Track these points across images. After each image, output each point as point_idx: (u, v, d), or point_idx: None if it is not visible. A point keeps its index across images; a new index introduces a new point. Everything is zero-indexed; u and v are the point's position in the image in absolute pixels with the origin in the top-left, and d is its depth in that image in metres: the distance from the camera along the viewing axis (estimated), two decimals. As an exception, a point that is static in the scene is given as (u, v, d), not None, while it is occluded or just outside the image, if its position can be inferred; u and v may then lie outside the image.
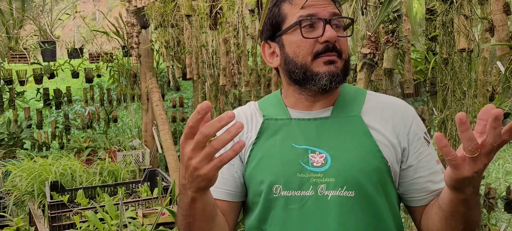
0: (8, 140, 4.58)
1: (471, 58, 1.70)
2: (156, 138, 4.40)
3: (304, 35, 1.08)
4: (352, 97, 1.16)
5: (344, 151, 1.08)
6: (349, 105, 1.14)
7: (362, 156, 1.08)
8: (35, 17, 4.96)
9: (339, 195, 1.06)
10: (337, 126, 1.11)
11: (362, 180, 1.06)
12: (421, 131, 1.13)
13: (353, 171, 1.06)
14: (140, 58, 4.58)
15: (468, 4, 1.53)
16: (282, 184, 1.09)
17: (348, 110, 1.13)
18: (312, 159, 1.08)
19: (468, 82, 1.70)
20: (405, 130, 1.11)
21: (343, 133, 1.10)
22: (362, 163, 1.07)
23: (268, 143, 1.13)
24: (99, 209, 2.32)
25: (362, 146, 1.08)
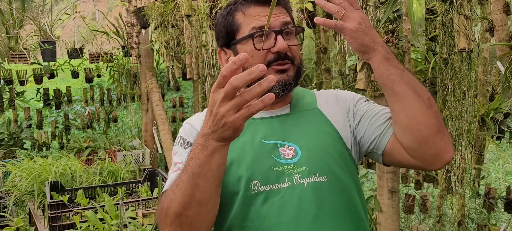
0: (8, 140, 4.58)
1: (471, 58, 1.70)
2: (156, 138, 4.40)
3: (256, 47, 1.13)
4: (303, 95, 1.28)
5: (311, 140, 1.17)
6: (304, 102, 1.25)
7: (327, 142, 1.18)
8: (35, 17, 4.96)
9: (314, 181, 1.13)
10: (299, 119, 1.21)
11: (331, 164, 1.16)
12: (359, 97, 1.27)
13: (323, 157, 1.16)
14: (140, 58, 4.58)
15: (468, 4, 1.53)
16: (259, 179, 1.12)
17: (305, 105, 1.24)
18: (282, 152, 1.15)
19: (468, 82, 1.70)
20: (347, 103, 1.25)
21: (306, 125, 1.20)
22: (329, 149, 1.17)
23: (238, 143, 1.15)
24: (99, 209, 2.32)
25: (325, 134, 1.19)
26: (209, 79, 3.54)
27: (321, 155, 1.16)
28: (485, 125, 1.85)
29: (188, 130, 1.23)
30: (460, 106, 1.68)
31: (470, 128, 1.79)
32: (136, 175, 4.16)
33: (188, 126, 1.24)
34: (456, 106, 1.69)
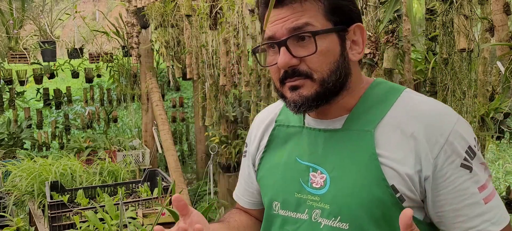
0: (8, 140, 4.58)
1: (471, 58, 1.70)
2: (156, 138, 4.40)
3: (262, 64, 1.05)
4: (378, 101, 0.97)
5: (345, 174, 0.95)
6: (367, 114, 0.96)
7: (363, 183, 0.92)
8: (35, 17, 4.96)
9: (331, 225, 0.95)
10: (346, 141, 0.96)
11: (358, 212, 0.92)
12: (458, 154, 0.89)
13: (350, 201, 0.93)
14: (140, 58, 4.58)
15: (468, 4, 1.53)
16: (280, 202, 1.03)
17: (363, 121, 0.96)
18: (312, 178, 0.98)
19: (468, 82, 1.70)
20: (430, 153, 0.89)
21: (349, 151, 0.95)
22: (362, 192, 0.92)
23: (277, 153, 1.07)
24: (99, 209, 2.32)
25: (365, 171, 0.92)
26: (209, 79, 3.54)
27: (349, 196, 0.93)
28: (485, 125, 1.84)
29: (249, 133, 1.18)
30: (460, 107, 1.68)
31: (470, 128, 1.79)
32: (136, 175, 4.16)
33: (251, 128, 1.18)
34: (456, 107, 1.69)
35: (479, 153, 0.92)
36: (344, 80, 0.95)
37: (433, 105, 0.94)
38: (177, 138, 6.00)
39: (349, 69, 0.96)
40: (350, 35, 0.96)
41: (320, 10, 0.93)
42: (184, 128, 6.25)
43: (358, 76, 1.00)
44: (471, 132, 0.93)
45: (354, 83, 0.98)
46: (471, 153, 0.90)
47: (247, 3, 2.75)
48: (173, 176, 3.60)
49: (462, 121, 0.92)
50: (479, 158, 0.91)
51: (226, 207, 3.63)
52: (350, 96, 0.98)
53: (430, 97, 0.98)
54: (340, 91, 0.95)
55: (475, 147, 0.91)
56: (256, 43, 3.06)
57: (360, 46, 0.97)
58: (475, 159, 0.90)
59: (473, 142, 0.91)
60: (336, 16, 0.94)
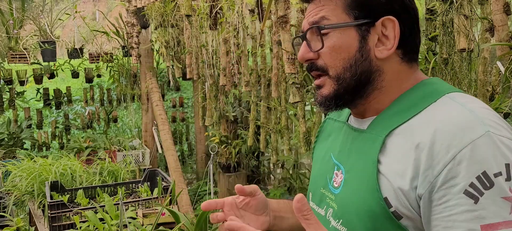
0: (8, 140, 4.58)
1: (471, 58, 1.70)
2: (156, 138, 4.40)
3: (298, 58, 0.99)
4: (410, 105, 0.87)
5: (354, 178, 0.90)
6: (391, 118, 0.88)
7: (361, 190, 0.87)
8: (35, 17, 4.96)
9: (336, 226, 0.93)
10: (364, 144, 0.91)
11: (354, 220, 0.88)
12: (463, 177, 0.75)
13: (349, 206, 0.90)
14: (140, 58, 4.59)
15: (468, 4, 1.53)
16: (312, 193, 1.05)
17: (385, 125, 0.88)
18: (335, 177, 0.96)
19: (468, 82, 1.70)
20: (431, 169, 0.78)
21: (363, 155, 0.90)
22: (358, 200, 0.87)
23: (322, 146, 1.08)
24: (99, 209, 2.32)
25: (366, 178, 0.87)
26: (209, 79, 3.54)
27: (350, 202, 0.90)
28: (485, 125, 1.84)
29: None
30: (460, 106, 1.68)
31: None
32: (136, 175, 4.15)
33: None
34: (456, 106, 1.69)
35: (504, 185, 0.74)
36: (367, 78, 0.89)
37: (458, 114, 0.80)
38: (177, 138, 6.00)
39: (372, 66, 0.89)
40: (378, 30, 0.88)
41: (339, 3, 0.89)
42: (184, 128, 6.25)
43: (399, 75, 0.90)
44: (501, 157, 0.75)
45: (391, 83, 0.90)
46: (485, 180, 0.73)
47: (247, 3, 2.75)
48: (173, 176, 3.60)
49: (489, 139, 0.75)
50: (501, 191, 0.73)
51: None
52: (384, 97, 0.90)
53: (469, 105, 0.82)
54: (364, 90, 0.90)
55: (496, 177, 0.73)
56: (256, 43, 3.06)
57: (390, 41, 0.87)
58: (490, 191, 0.73)
59: (495, 169, 0.74)
60: (358, 9, 0.88)
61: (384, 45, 0.88)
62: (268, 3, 0.91)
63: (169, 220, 2.33)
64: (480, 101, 0.86)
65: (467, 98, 0.84)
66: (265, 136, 3.12)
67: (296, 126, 3.06)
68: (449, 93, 0.85)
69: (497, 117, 0.81)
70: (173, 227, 2.24)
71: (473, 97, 0.87)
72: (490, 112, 0.82)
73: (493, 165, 0.74)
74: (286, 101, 2.72)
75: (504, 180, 0.73)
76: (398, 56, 0.90)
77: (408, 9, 0.90)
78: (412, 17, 0.90)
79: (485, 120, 0.78)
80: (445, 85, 0.90)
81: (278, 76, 2.63)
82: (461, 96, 0.85)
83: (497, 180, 0.73)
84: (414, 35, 0.91)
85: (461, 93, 0.87)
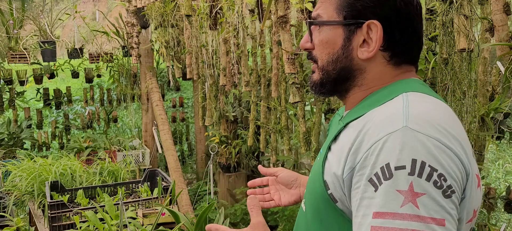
0: (8, 140, 4.58)
1: (471, 58, 1.70)
2: (156, 138, 4.40)
3: None
4: (375, 100, 0.92)
5: (316, 163, 0.98)
6: (355, 112, 0.94)
7: (314, 172, 0.97)
8: (35, 17, 4.96)
9: (302, 206, 1.05)
10: (332, 133, 0.98)
11: (307, 199, 0.99)
12: (372, 166, 0.80)
13: (308, 187, 1.01)
14: (140, 58, 4.58)
15: (468, 4, 1.53)
16: None
17: (349, 117, 0.95)
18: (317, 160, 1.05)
19: (468, 82, 1.70)
20: (354, 156, 0.84)
21: (325, 143, 0.99)
22: (311, 182, 0.98)
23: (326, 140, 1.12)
24: (99, 209, 2.32)
25: (319, 162, 0.95)
26: (209, 79, 3.54)
27: (309, 183, 1.00)
28: (485, 125, 1.84)
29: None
30: (460, 106, 1.68)
31: (470, 128, 1.79)
32: (136, 175, 4.16)
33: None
34: (456, 106, 1.69)
35: (402, 179, 0.76)
36: (347, 74, 0.95)
37: (392, 109, 0.85)
38: (177, 138, 6.00)
39: (353, 65, 0.94)
40: (363, 32, 0.92)
41: (333, 2, 0.96)
42: (184, 128, 6.25)
43: (382, 75, 0.94)
44: (409, 151, 0.77)
45: (371, 82, 0.95)
46: (386, 172, 0.77)
47: (247, 3, 2.75)
48: (173, 176, 3.60)
49: (402, 134, 0.79)
50: (398, 184, 0.76)
51: (226, 207, 3.63)
52: (361, 93, 0.96)
53: (412, 103, 0.85)
54: (345, 84, 0.97)
55: (397, 170, 0.77)
56: (256, 43, 3.06)
57: (371, 45, 0.92)
58: (389, 182, 0.77)
59: (398, 162, 0.77)
60: (347, 11, 0.93)
61: (367, 47, 0.93)
62: (268, 3, 0.91)
63: (169, 220, 2.33)
64: (437, 104, 0.89)
65: (420, 98, 0.88)
66: (265, 136, 3.12)
67: (296, 126, 3.06)
68: (409, 92, 0.89)
69: (438, 119, 0.83)
70: (173, 227, 2.24)
71: (434, 99, 0.90)
72: (433, 113, 0.84)
73: (397, 158, 0.77)
74: (286, 101, 2.72)
75: (406, 174, 0.77)
76: (384, 58, 0.94)
77: (400, 13, 0.92)
78: (405, 21, 0.92)
79: (411, 116, 0.81)
80: (415, 85, 0.93)
81: (278, 76, 2.63)
82: (415, 95, 0.88)
83: (397, 172, 0.77)
84: (406, 38, 0.93)
85: (420, 94, 0.90)
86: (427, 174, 0.77)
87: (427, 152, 0.78)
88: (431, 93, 0.93)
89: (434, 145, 0.79)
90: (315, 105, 2.73)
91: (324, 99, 2.71)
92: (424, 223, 0.75)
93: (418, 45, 0.96)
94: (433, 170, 0.77)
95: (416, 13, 0.93)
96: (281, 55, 2.56)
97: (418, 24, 0.94)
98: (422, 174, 0.76)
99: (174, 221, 2.27)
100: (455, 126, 0.85)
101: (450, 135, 0.81)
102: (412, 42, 0.94)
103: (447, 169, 0.78)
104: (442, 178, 0.77)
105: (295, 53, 2.23)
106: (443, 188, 0.77)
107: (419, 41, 0.96)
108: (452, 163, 0.79)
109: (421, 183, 0.76)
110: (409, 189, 0.76)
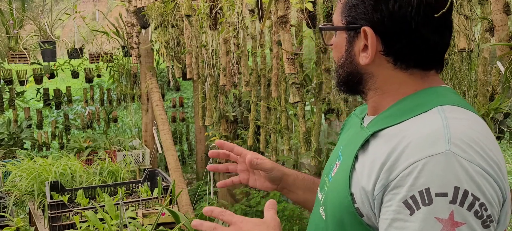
0: (8, 140, 4.58)
1: (471, 58, 1.70)
2: (156, 138, 4.40)
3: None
4: (404, 111, 0.88)
5: (340, 170, 0.95)
6: (383, 120, 0.91)
7: (339, 182, 0.92)
8: (35, 17, 4.96)
9: (320, 212, 1.00)
10: (356, 140, 0.94)
11: (330, 208, 0.95)
12: (408, 188, 0.77)
13: (330, 195, 0.96)
14: (140, 58, 4.58)
15: (468, 4, 1.53)
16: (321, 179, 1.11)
17: (375, 125, 0.92)
18: (335, 166, 0.99)
19: (468, 82, 1.70)
20: (388, 173, 0.80)
21: (351, 150, 0.94)
22: (335, 191, 0.93)
23: (341, 138, 1.10)
24: (99, 209, 2.32)
25: (345, 171, 0.91)
26: (209, 79, 3.54)
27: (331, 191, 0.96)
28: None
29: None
30: (460, 106, 1.68)
31: (470, 128, 1.79)
32: (136, 175, 4.16)
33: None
34: (456, 106, 1.69)
35: (443, 206, 0.74)
36: (355, 78, 0.96)
37: (432, 127, 0.81)
38: (177, 138, 6.00)
39: (359, 69, 0.95)
40: (362, 38, 0.92)
41: (340, 7, 0.97)
42: (184, 128, 6.25)
43: (394, 80, 0.92)
44: (452, 179, 0.75)
45: (386, 86, 0.93)
46: (426, 197, 0.75)
47: (247, 3, 2.75)
48: (173, 176, 3.60)
49: (445, 158, 0.76)
50: (437, 211, 0.74)
51: (226, 207, 3.63)
52: (381, 99, 0.94)
53: (452, 121, 0.82)
54: (359, 87, 0.98)
55: (438, 196, 0.75)
56: (256, 43, 3.06)
57: (367, 50, 0.91)
58: (428, 208, 0.75)
59: (439, 189, 0.75)
60: (348, 15, 0.94)
61: (366, 53, 0.92)
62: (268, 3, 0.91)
63: (169, 220, 2.33)
64: (474, 120, 0.85)
65: (456, 113, 0.84)
66: (265, 136, 3.12)
67: (296, 126, 3.06)
68: (443, 105, 0.86)
69: (478, 140, 0.80)
70: (173, 227, 2.24)
71: (470, 113, 0.87)
72: (472, 133, 0.81)
73: (438, 184, 0.75)
74: (286, 101, 2.72)
75: (447, 202, 0.74)
76: (389, 62, 0.92)
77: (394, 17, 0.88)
78: (401, 24, 0.88)
79: (453, 138, 0.78)
80: (448, 95, 0.90)
81: (278, 76, 2.63)
82: (452, 110, 0.85)
83: (438, 199, 0.75)
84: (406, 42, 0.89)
85: (456, 108, 0.86)
86: (469, 203, 0.74)
87: (470, 180, 0.75)
88: (466, 105, 0.89)
89: (476, 171, 0.76)
90: (315, 105, 2.73)
91: (324, 100, 2.71)
92: None
93: (426, 47, 0.90)
94: (475, 199, 0.75)
95: (418, 14, 0.87)
96: (281, 55, 2.56)
97: (423, 26, 0.88)
98: (464, 203, 0.74)
99: (174, 221, 2.27)
100: (492, 145, 0.82)
101: (490, 158, 0.79)
102: (415, 44, 0.89)
103: (488, 198, 0.76)
104: (483, 208, 0.75)
105: (295, 53, 2.23)
106: (483, 218, 0.75)
107: (426, 43, 0.89)
108: (492, 191, 0.77)
109: (463, 212, 0.74)
110: (449, 218, 0.74)
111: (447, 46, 0.94)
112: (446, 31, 0.91)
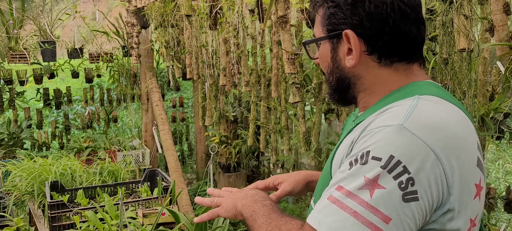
0: (8, 140, 4.58)
1: (471, 58, 1.71)
2: (156, 138, 4.40)
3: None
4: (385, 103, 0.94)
5: (327, 163, 1.01)
6: (369, 112, 0.97)
7: (324, 170, 1.01)
8: (35, 17, 4.96)
9: (311, 203, 1.07)
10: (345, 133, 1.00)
11: (316, 193, 1.03)
12: (356, 150, 0.86)
13: (318, 184, 1.04)
14: (140, 58, 4.58)
15: (468, 4, 1.53)
16: None
17: (362, 117, 0.98)
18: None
19: (468, 82, 1.70)
20: (352, 147, 0.89)
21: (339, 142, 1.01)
22: (321, 179, 1.03)
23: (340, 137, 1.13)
24: (99, 209, 2.32)
25: (329, 162, 0.99)
26: (209, 79, 3.54)
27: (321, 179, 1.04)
28: (485, 125, 1.85)
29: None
30: (460, 106, 1.68)
31: (470, 128, 1.79)
32: (136, 175, 4.15)
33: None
34: (456, 106, 1.69)
35: (373, 168, 0.80)
36: (345, 83, 1.01)
37: (400, 108, 0.87)
38: (177, 138, 6.00)
39: (347, 73, 1.00)
40: (345, 42, 0.97)
41: (319, 20, 1.02)
42: (184, 128, 6.25)
43: (381, 78, 0.97)
44: (392, 147, 0.80)
45: (374, 85, 0.99)
46: (365, 158, 0.82)
47: (247, 3, 2.75)
48: (173, 176, 3.60)
49: (394, 130, 0.82)
50: (367, 171, 0.80)
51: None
52: (370, 97, 1.00)
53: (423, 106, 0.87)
54: (349, 92, 1.02)
55: (373, 159, 0.81)
56: (256, 43, 3.06)
57: (352, 53, 0.96)
58: (360, 166, 0.82)
59: (377, 154, 0.81)
60: (329, 24, 0.99)
61: (351, 55, 0.97)
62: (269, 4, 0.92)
63: (169, 220, 2.33)
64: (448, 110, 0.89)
65: (432, 101, 0.89)
66: (265, 136, 3.12)
67: (296, 126, 3.06)
68: (423, 95, 0.91)
69: (441, 125, 0.84)
70: (173, 227, 2.24)
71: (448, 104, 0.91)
72: (436, 118, 0.85)
73: (378, 150, 0.81)
74: (286, 101, 2.72)
75: (378, 166, 0.80)
76: (374, 61, 0.97)
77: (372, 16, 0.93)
78: (379, 23, 0.93)
79: (412, 117, 0.84)
80: (429, 88, 0.95)
81: (278, 76, 2.63)
82: (429, 99, 0.90)
83: (372, 161, 0.81)
84: (387, 38, 0.94)
85: (435, 97, 0.91)
86: (397, 173, 0.79)
87: (408, 153, 0.80)
88: (447, 97, 0.93)
89: (420, 148, 0.80)
90: (315, 105, 2.73)
91: (324, 100, 2.71)
92: (368, 212, 0.78)
93: (407, 41, 0.95)
94: (405, 171, 0.79)
95: (393, 10, 0.93)
96: (281, 55, 2.56)
97: (401, 21, 0.93)
98: (392, 171, 0.79)
99: (174, 221, 2.26)
100: (460, 135, 0.85)
101: (445, 145, 0.82)
102: (396, 39, 0.94)
103: (422, 175, 0.79)
104: (410, 182, 0.79)
105: (295, 53, 2.23)
106: (405, 190, 0.78)
107: (406, 37, 0.95)
108: (432, 174, 0.80)
109: (387, 178, 0.79)
110: (373, 179, 0.80)
111: (424, 39, 0.99)
112: (421, 25, 0.97)
